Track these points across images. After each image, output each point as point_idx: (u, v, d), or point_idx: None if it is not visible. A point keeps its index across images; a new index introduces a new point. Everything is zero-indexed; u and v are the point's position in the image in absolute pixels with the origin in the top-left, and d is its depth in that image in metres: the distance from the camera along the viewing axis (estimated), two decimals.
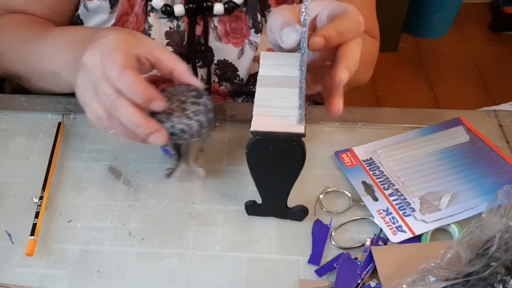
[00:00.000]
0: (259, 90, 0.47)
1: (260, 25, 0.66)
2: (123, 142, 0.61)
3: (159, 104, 0.47)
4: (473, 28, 2.23)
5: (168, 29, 0.65)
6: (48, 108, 0.65)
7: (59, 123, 0.62)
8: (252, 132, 0.44)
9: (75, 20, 0.68)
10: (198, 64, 0.69)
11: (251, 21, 0.65)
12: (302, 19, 0.40)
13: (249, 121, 0.44)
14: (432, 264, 0.42)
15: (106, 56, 0.45)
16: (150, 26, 0.64)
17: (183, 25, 0.65)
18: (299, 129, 0.43)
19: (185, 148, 0.53)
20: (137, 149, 0.60)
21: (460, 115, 0.62)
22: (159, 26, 0.65)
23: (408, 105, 0.71)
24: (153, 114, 0.48)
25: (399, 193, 0.53)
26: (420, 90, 1.94)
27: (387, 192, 0.54)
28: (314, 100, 0.81)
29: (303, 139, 0.44)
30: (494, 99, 1.86)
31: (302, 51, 0.41)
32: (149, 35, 0.64)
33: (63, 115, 0.64)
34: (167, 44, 0.66)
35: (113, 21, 0.64)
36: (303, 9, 0.39)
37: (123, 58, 0.45)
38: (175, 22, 0.65)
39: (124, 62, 0.45)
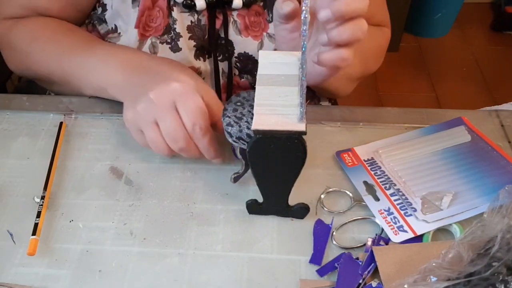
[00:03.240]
0: (259, 89, 0.47)
1: None
2: (125, 142, 0.61)
3: (217, 161, 0.55)
4: (474, 28, 2.23)
5: (189, 23, 0.66)
6: (49, 108, 0.65)
7: (61, 123, 0.62)
8: (253, 131, 0.44)
9: (99, 17, 0.68)
10: (219, 58, 0.69)
11: (270, 16, 0.66)
12: (302, 17, 0.40)
13: None
14: (434, 264, 0.42)
15: (187, 111, 0.50)
16: (174, 21, 0.65)
17: (204, 19, 0.66)
18: (300, 127, 0.43)
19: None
20: (139, 148, 0.60)
21: (461, 115, 0.62)
22: (182, 20, 0.65)
23: (409, 105, 0.71)
24: (224, 116, 0.49)
25: (400, 193, 0.53)
26: (421, 90, 1.94)
27: (388, 192, 0.53)
28: (316, 100, 0.81)
29: (304, 137, 0.44)
30: (495, 99, 1.85)
31: (303, 49, 0.41)
32: (174, 29, 0.65)
33: (64, 115, 0.64)
34: (189, 38, 0.66)
35: (135, 16, 0.64)
36: (303, 7, 0.39)
37: (206, 121, 0.51)
38: (195, 16, 0.65)
39: (207, 125, 0.51)
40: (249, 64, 0.70)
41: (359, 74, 0.71)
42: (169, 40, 0.66)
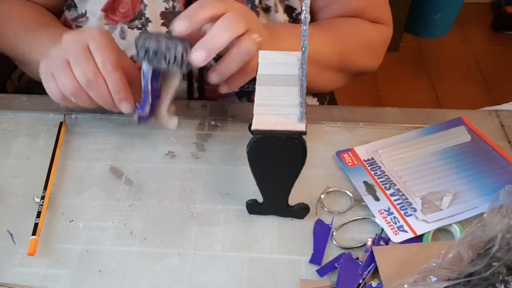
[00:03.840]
0: (259, 89, 0.47)
1: (258, 9, 0.65)
2: (125, 142, 0.61)
3: (126, 107, 0.53)
4: (474, 28, 2.23)
5: (163, 10, 0.65)
6: (49, 108, 0.65)
7: (61, 123, 0.62)
8: (253, 131, 0.44)
9: (69, 3, 0.69)
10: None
11: (249, 6, 0.65)
12: (302, 17, 0.40)
13: (250, 120, 0.44)
14: (434, 264, 0.42)
15: (99, 47, 0.51)
16: (145, 6, 0.65)
17: (179, 6, 0.65)
18: (300, 127, 0.43)
19: (161, 89, 0.54)
20: (139, 148, 0.60)
21: (461, 115, 0.62)
22: (155, 6, 0.65)
23: (409, 105, 0.71)
24: (139, 40, 0.50)
25: (400, 193, 0.53)
26: (421, 90, 1.94)
27: (388, 192, 0.53)
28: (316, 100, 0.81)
29: (304, 137, 0.44)
30: (495, 99, 1.85)
31: (303, 49, 0.41)
32: (144, 15, 0.65)
33: (64, 115, 0.64)
34: (163, 24, 0.66)
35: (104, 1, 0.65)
36: (303, 8, 0.39)
37: (115, 57, 0.51)
38: (170, 3, 0.65)
39: (117, 61, 0.51)
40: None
41: (337, 64, 0.68)
42: (139, 26, 0.66)
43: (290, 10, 0.69)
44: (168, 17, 0.66)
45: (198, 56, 0.50)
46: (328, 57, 0.67)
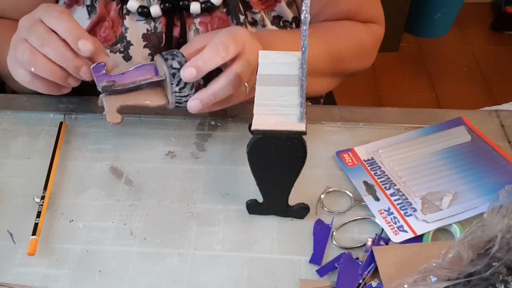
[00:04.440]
0: (259, 89, 0.47)
1: (243, 25, 0.64)
2: (125, 142, 0.61)
3: (86, 44, 0.51)
4: (474, 28, 2.23)
5: (145, 31, 0.64)
6: (49, 108, 0.65)
7: (61, 123, 0.62)
8: (253, 131, 0.44)
9: None
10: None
11: (234, 22, 0.64)
12: (302, 17, 0.40)
13: (250, 120, 0.44)
14: (434, 264, 0.42)
15: (51, 15, 0.51)
16: (126, 29, 0.63)
17: (160, 26, 0.64)
18: (300, 127, 0.43)
19: (138, 89, 0.55)
20: (139, 149, 0.60)
21: (461, 115, 0.62)
22: (136, 28, 0.64)
23: (409, 105, 0.71)
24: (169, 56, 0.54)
25: (400, 193, 0.53)
26: (421, 90, 1.94)
27: (388, 192, 0.54)
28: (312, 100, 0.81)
29: (304, 137, 0.44)
30: (495, 99, 1.85)
31: (303, 49, 0.41)
32: (126, 38, 0.64)
33: (64, 115, 0.64)
34: (145, 46, 0.65)
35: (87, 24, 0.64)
36: (303, 8, 0.39)
37: (63, 8, 0.53)
38: (152, 24, 0.64)
39: (64, 9, 0.53)
40: (213, 73, 0.68)
41: (329, 69, 0.68)
42: (122, 49, 0.64)
43: (278, 20, 0.68)
44: (150, 38, 0.64)
45: (195, 105, 0.52)
46: (322, 65, 0.67)
